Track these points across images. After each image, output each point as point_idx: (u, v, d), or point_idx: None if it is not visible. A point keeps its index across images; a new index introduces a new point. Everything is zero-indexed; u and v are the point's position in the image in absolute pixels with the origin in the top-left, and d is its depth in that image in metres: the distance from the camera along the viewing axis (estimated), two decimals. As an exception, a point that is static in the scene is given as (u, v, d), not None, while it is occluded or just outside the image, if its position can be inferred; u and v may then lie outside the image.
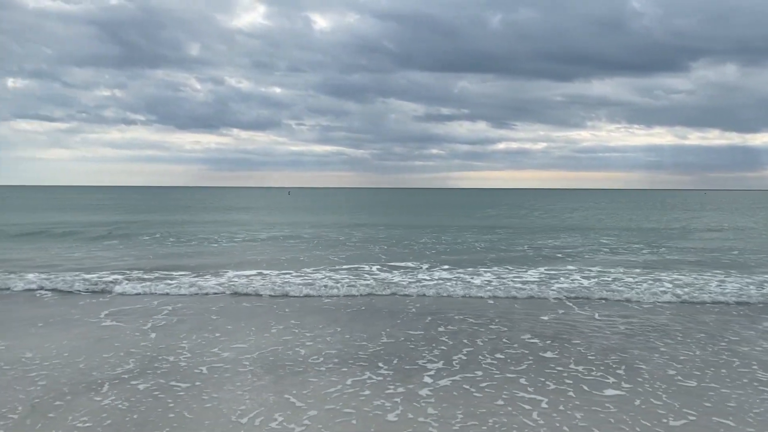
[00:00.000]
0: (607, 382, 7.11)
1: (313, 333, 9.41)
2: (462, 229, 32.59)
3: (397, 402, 6.42)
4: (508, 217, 46.15)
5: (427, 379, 7.20)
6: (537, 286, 13.80)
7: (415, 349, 8.50)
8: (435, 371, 7.49)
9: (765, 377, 7.32)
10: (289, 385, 6.94)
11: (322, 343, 8.83)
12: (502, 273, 15.91)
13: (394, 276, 15.36)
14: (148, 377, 7.21)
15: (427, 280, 14.60)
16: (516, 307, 11.60)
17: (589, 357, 8.15)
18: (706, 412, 6.19)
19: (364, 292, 12.97)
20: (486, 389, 6.85)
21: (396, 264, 17.71)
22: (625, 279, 14.95)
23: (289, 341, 8.91)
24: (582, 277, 15.14)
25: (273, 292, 12.86)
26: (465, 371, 7.49)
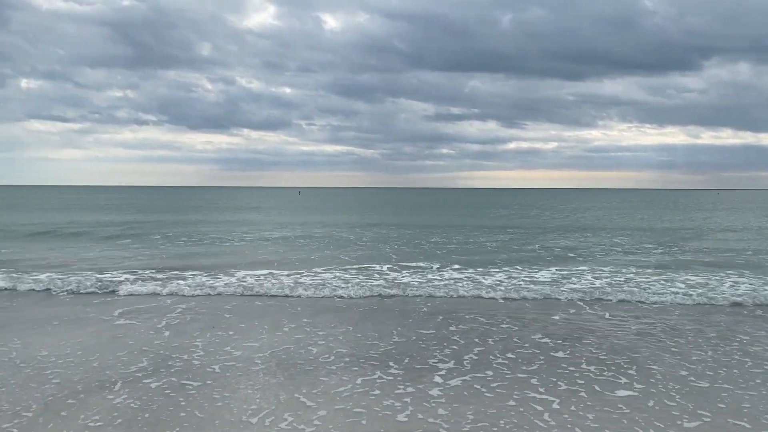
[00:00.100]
0: (619, 383, 7.06)
1: (325, 332, 9.43)
2: (473, 228, 32.52)
3: (407, 402, 6.42)
4: (519, 217, 45.97)
5: (438, 378, 7.19)
6: (548, 286, 13.75)
7: (425, 349, 8.49)
8: (446, 371, 7.48)
9: (780, 378, 7.24)
10: (299, 384, 6.96)
11: (334, 342, 8.85)
12: (513, 273, 15.87)
13: (404, 276, 15.37)
14: (161, 375, 7.26)
15: (437, 280, 14.59)
16: (527, 307, 11.57)
17: (600, 357, 8.11)
18: (721, 413, 6.14)
19: (375, 291, 12.98)
20: (497, 389, 6.83)
21: (407, 264, 17.71)
22: (637, 279, 14.85)
23: (301, 340, 8.94)
24: (594, 278, 15.06)
25: (285, 291, 12.91)
26: (476, 371, 7.48)
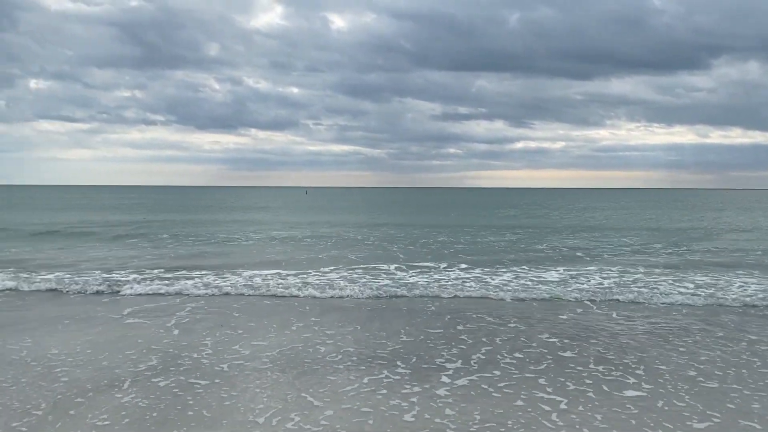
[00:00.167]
0: (627, 383, 7.03)
1: (333, 331, 9.44)
2: (480, 228, 32.46)
3: (414, 402, 6.41)
4: (527, 217, 45.85)
5: (445, 378, 7.18)
6: (556, 285, 13.72)
7: (433, 349, 8.49)
8: (453, 371, 7.47)
9: (790, 379, 7.19)
10: (307, 384, 6.97)
11: (341, 341, 8.86)
12: (521, 273, 15.83)
13: (412, 275, 15.36)
14: (170, 374, 7.29)
15: (445, 280, 14.58)
16: (535, 307, 11.53)
17: (608, 357, 8.07)
18: (731, 413, 6.09)
19: (383, 291, 12.98)
20: (504, 389, 6.81)
21: (414, 263, 17.69)
22: (646, 279, 14.78)
23: (308, 339, 8.96)
24: (602, 277, 15.00)
25: (292, 291, 12.93)
26: (483, 371, 7.46)
